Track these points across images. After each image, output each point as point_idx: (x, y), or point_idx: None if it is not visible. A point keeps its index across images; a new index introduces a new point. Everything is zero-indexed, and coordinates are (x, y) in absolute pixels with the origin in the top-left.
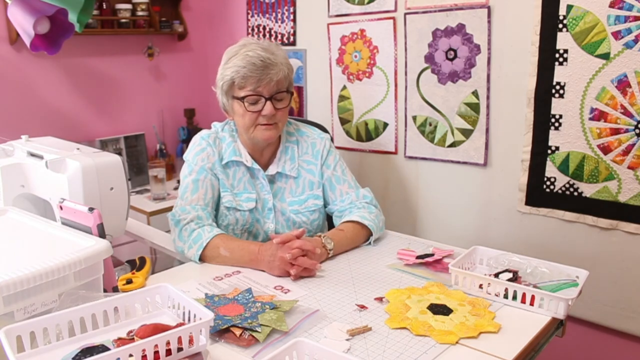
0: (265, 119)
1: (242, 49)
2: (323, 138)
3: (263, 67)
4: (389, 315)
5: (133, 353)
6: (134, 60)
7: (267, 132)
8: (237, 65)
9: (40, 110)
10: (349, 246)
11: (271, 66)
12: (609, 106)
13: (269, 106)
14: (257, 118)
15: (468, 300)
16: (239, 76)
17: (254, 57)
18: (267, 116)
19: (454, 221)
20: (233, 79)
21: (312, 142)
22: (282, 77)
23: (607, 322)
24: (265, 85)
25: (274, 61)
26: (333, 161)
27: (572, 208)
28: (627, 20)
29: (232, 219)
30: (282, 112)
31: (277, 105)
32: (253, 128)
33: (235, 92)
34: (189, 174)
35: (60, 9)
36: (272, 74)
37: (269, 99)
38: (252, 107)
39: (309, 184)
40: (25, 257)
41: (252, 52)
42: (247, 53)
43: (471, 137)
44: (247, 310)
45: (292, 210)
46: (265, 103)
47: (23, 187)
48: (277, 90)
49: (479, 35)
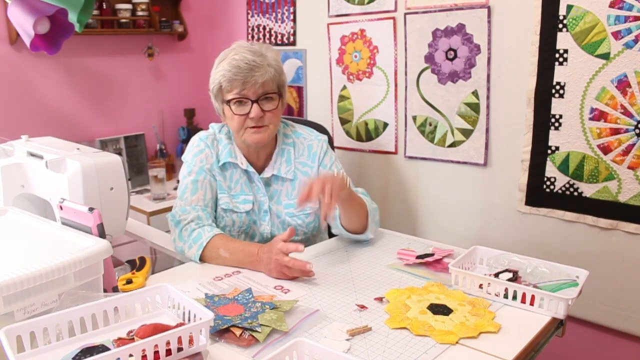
0: (253, 121)
1: (230, 53)
2: (320, 140)
3: (248, 69)
4: (389, 316)
5: (133, 353)
6: (134, 60)
7: (256, 135)
8: (224, 69)
9: (40, 110)
10: (356, 204)
11: (256, 68)
12: (609, 106)
13: (255, 109)
14: (245, 121)
15: (468, 300)
16: (225, 79)
17: (240, 60)
18: (255, 119)
19: (454, 221)
20: (220, 83)
21: (309, 144)
22: (268, 79)
23: (607, 322)
24: (251, 88)
25: (260, 63)
26: (329, 161)
27: (572, 208)
28: (627, 20)
29: (228, 220)
30: (272, 114)
31: (264, 107)
32: (243, 131)
33: (224, 96)
34: (188, 175)
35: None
36: (257, 76)
37: (255, 101)
38: (239, 109)
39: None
40: (25, 257)
41: (238, 56)
42: (233, 57)
43: (471, 137)
44: (247, 310)
45: (288, 213)
46: (252, 106)
47: (23, 187)
48: (264, 92)
49: (479, 35)
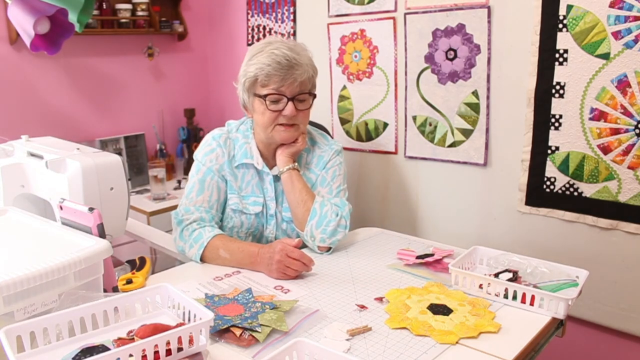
0: (285, 119)
1: (267, 47)
2: (332, 148)
3: (288, 66)
4: (389, 315)
5: (133, 353)
6: (134, 60)
7: (286, 133)
8: (262, 62)
9: (40, 110)
10: (297, 191)
11: (296, 66)
12: (609, 106)
13: (290, 107)
14: (277, 118)
15: (468, 300)
16: (263, 74)
17: (280, 55)
18: (288, 117)
19: (454, 221)
20: (256, 76)
21: (320, 155)
22: (306, 79)
23: (607, 322)
24: (289, 86)
25: (300, 62)
26: (330, 165)
27: (572, 208)
28: (627, 20)
29: (237, 221)
30: (303, 114)
31: (298, 107)
32: (272, 127)
33: (258, 90)
34: (196, 173)
35: (60, 9)
36: (296, 75)
37: (291, 99)
38: (274, 106)
39: None
40: (25, 257)
41: (278, 51)
42: (272, 51)
43: (471, 137)
44: (247, 310)
45: (285, 217)
46: (287, 103)
47: (23, 187)
48: (300, 91)
49: (479, 35)
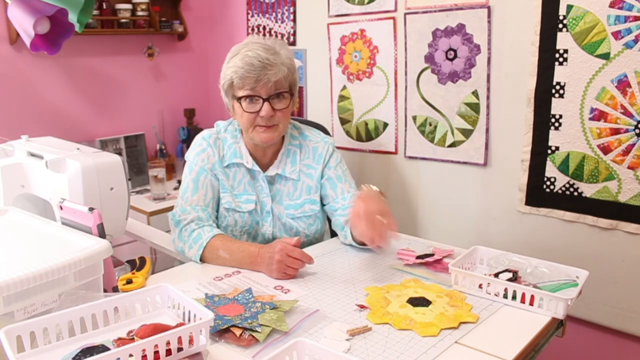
0: (263, 120)
1: (243, 48)
2: (327, 142)
3: (261, 67)
4: (369, 310)
5: (133, 353)
6: (134, 60)
7: (265, 134)
8: (236, 65)
9: (40, 110)
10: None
11: (269, 66)
12: (609, 106)
13: (266, 107)
14: (255, 119)
15: (445, 292)
16: (237, 76)
17: (253, 57)
18: (265, 117)
19: (454, 221)
20: (232, 79)
21: (314, 147)
22: (281, 78)
23: (607, 322)
24: (263, 86)
25: (273, 61)
26: (335, 162)
27: (572, 208)
28: (627, 20)
29: (231, 220)
30: (282, 113)
31: (275, 106)
32: (252, 129)
33: (235, 92)
34: (189, 174)
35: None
36: (270, 75)
37: (266, 99)
38: (250, 107)
39: (306, 188)
40: (25, 257)
41: (251, 52)
42: (246, 53)
43: (471, 137)
44: (247, 310)
45: (288, 214)
46: (262, 104)
47: (23, 187)
48: (276, 90)
49: (479, 35)
